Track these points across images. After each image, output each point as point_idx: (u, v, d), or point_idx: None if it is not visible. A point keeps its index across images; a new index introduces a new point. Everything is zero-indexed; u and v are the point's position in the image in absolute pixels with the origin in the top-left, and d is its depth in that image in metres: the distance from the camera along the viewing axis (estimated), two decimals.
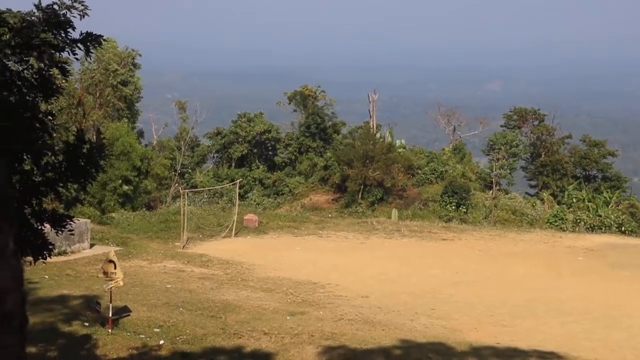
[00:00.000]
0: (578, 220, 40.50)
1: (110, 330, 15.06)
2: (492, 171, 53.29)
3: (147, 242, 29.19)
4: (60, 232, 8.28)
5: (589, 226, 39.58)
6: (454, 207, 44.97)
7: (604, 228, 39.17)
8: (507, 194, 52.39)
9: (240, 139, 58.62)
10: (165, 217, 35.84)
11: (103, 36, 7.95)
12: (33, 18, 7.31)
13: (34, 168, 7.73)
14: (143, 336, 15.04)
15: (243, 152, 58.63)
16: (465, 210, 45.05)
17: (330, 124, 59.06)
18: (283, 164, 58.11)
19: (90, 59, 47.20)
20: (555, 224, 40.15)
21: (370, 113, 58.51)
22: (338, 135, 59.09)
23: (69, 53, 7.68)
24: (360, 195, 47.59)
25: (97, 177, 8.34)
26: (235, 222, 32.40)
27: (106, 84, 48.96)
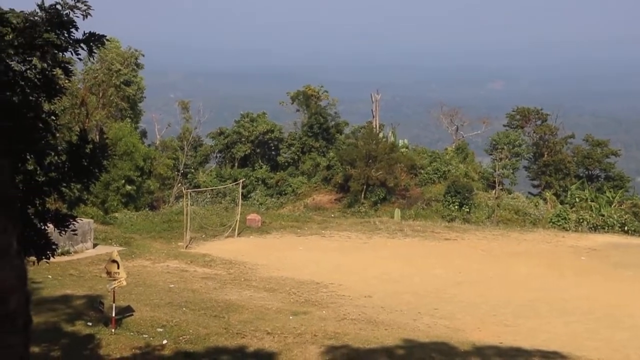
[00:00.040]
0: (581, 220, 40.45)
1: (113, 330, 15.08)
2: (495, 171, 53.18)
3: (150, 242, 29.23)
4: (63, 232, 8.26)
5: (591, 226, 39.54)
6: (456, 207, 44.93)
7: (606, 228, 39.13)
8: (510, 193, 52.29)
9: (243, 138, 58.60)
10: (168, 217, 35.85)
11: (106, 36, 7.94)
12: (36, 18, 7.31)
13: (37, 168, 7.72)
14: (146, 336, 15.06)
15: (246, 152, 58.60)
16: (468, 210, 45.02)
17: (333, 123, 59.01)
18: (286, 163, 58.07)
19: (93, 59, 46.77)
20: (558, 224, 40.11)
21: (373, 113, 58.38)
22: (341, 135, 59.02)
23: (72, 53, 7.67)
24: (363, 195, 47.55)
25: (100, 177, 8.33)
26: (238, 222, 32.40)
27: (109, 84, 48.98)
